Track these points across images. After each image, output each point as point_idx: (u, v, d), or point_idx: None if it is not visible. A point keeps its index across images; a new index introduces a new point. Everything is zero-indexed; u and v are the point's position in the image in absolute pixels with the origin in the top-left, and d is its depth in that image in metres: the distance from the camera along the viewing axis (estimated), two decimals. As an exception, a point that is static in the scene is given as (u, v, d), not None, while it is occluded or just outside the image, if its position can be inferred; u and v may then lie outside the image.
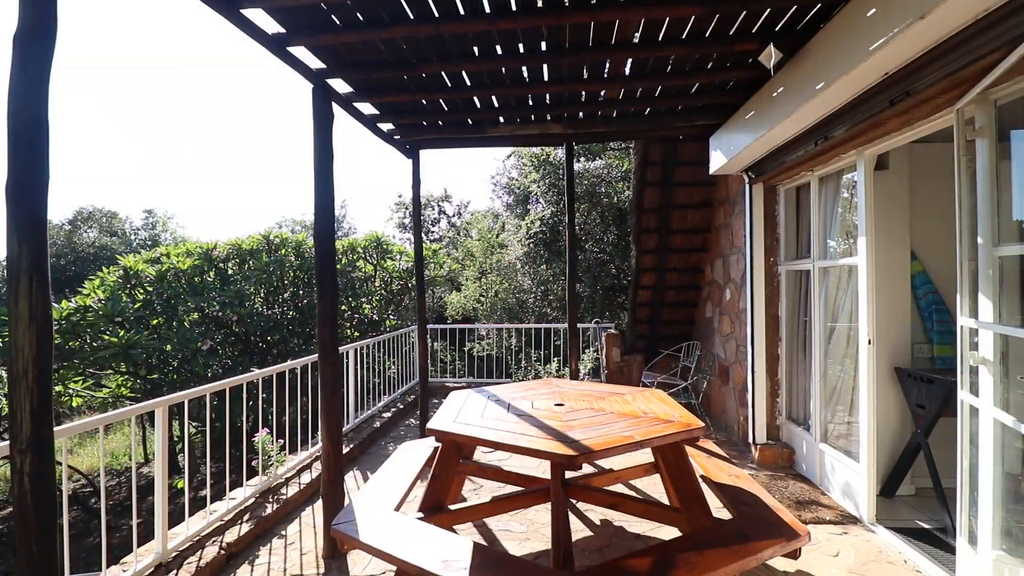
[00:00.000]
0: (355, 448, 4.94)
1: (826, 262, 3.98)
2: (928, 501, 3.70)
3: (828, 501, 3.80)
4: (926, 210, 3.90)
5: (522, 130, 4.44)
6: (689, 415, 2.60)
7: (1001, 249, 2.34)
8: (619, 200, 9.61)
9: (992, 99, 2.37)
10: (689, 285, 6.74)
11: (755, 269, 4.69)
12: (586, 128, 4.41)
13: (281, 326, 7.43)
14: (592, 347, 7.81)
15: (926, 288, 3.84)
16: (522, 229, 9.62)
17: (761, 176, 4.47)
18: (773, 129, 3.40)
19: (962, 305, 2.48)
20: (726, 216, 5.71)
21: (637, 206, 6.14)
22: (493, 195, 13.72)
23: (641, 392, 3.14)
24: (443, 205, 16.08)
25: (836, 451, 3.87)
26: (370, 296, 8.60)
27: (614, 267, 9.94)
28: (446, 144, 4.97)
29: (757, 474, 4.33)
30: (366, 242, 8.39)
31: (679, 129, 4.71)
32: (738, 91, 3.84)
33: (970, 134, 2.46)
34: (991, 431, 2.37)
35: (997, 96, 2.36)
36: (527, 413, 2.72)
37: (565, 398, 3.02)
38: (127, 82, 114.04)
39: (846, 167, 3.71)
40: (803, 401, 4.52)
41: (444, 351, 12.77)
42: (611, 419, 2.56)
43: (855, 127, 2.97)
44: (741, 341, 5.22)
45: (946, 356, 3.75)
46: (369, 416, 5.85)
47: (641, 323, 7.05)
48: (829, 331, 4.06)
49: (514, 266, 10.63)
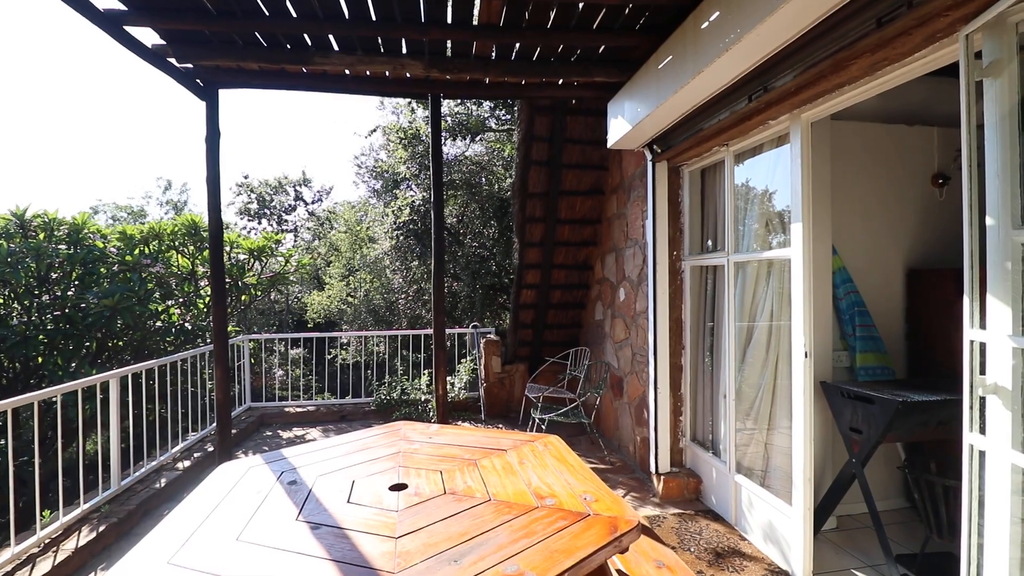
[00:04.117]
0: (110, 530, 3.28)
1: (746, 256, 3.29)
2: (858, 535, 3.17)
3: (750, 549, 3.10)
4: (843, 196, 3.39)
5: (367, 64, 3.16)
6: (610, 498, 1.58)
7: (1023, 233, 1.66)
8: (501, 189, 8.66)
9: (1013, 23, 1.68)
10: (577, 284, 5.94)
11: (658, 264, 3.93)
12: (455, 71, 3.26)
13: (34, 342, 5.23)
14: (470, 355, 6.73)
15: (847, 287, 3.32)
16: (389, 218, 8.21)
17: (667, 152, 3.70)
18: (698, 76, 2.56)
19: (972, 312, 1.77)
20: (620, 204, 4.96)
21: (521, 189, 5.16)
22: (358, 179, 12.01)
23: (530, 445, 2.07)
24: (300, 190, 13.86)
25: (756, 485, 3.19)
26: (187, 298, 6.62)
27: (495, 264, 8.97)
28: (259, 81, 3.51)
29: (664, 515, 3.54)
30: (175, 227, 6.40)
31: (574, 90, 3.77)
32: (650, 33, 2.98)
33: (979, 72, 1.76)
34: (1007, 480, 1.68)
35: (1020, 18, 1.67)
36: (333, 522, 1.49)
37: (413, 468, 1.85)
38: None
39: (771, 138, 3.02)
40: (711, 421, 3.84)
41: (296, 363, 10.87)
42: (483, 522, 1.45)
43: (812, 69, 2.20)
44: (638, 349, 4.48)
45: (869, 366, 3.25)
46: (153, 470, 4.13)
47: (525, 327, 6.11)
48: (745, 339, 3.39)
49: (382, 262, 9.17)
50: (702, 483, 3.78)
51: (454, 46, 3.14)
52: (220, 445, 3.52)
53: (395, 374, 6.67)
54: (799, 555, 2.72)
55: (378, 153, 10.56)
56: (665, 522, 3.43)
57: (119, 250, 6.18)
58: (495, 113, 8.08)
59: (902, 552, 2.87)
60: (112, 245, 6.31)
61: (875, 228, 3.48)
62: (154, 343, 6.21)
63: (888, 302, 3.50)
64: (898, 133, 3.49)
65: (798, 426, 2.70)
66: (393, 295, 9.47)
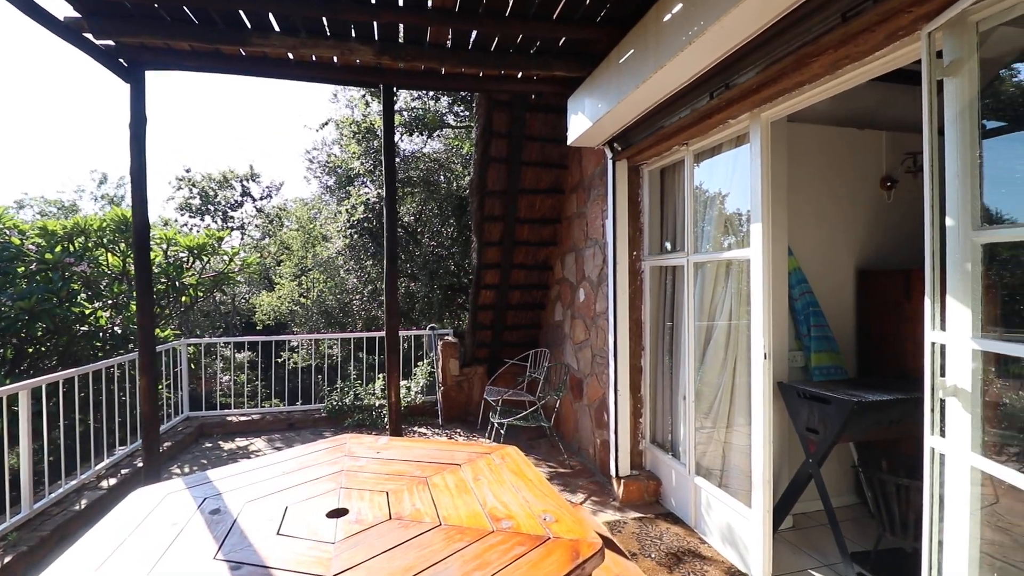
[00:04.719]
0: (18, 560, 2.91)
1: (707, 256, 3.25)
2: (813, 533, 3.19)
3: (709, 552, 3.07)
4: (798, 198, 3.42)
5: (311, 48, 2.93)
6: (571, 518, 1.46)
7: (983, 234, 1.64)
8: (459, 188, 8.46)
9: (974, 22, 1.67)
10: (537, 284, 5.84)
11: (618, 264, 3.86)
12: (408, 59, 3.08)
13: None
14: (427, 358, 6.52)
15: (802, 287, 3.35)
16: (343, 215, 7.87)
17: (627, 150, 3.64)
18: (660, 71, 2.48)
19: (933, 314, 1.75)
20: (580, 203, 4.89)
21: (479, 186, 5.00)
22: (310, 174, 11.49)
23: (486, 458, 1.93)
24: (248, 185, 13.16)
25: (715, 487, 3.16)
26: (117, 300, 6.11)
27: (454, 263, 8.77)
28: (192, 63, 3.20)
29: (624, 519, 3.48)
30: (103, 223, 5.88)
31: (534, 84, 3.65)
32: (611, 26, 2.89)
33: (940, 72, 1.74)
34: (967, 483, 1.66)
35: (981, 17, 1.66)
36: (257, 560, 1.30)
37: (356, 490, 1.67)
38: None
39: (730, 138, 3.00)
40: (670, 423, 3.81)
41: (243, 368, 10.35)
42: (432, 552, 1.29)
43: (775, 65, 2.15)
44: (598, 351, 4.41)
45: (824, 366, 3.28)
46: (73, 490, 3.73)
47: (483, 328, 5.96)
48: (705, 339, 3.37)
49: (335, 261, 8.80)
50: (662, 485, 3.74)
51: (407, 31, 2.95)
52: (147, 462, 3.20)
53: (348, 379, 6.38)
54: (758, 557, 2.70)
55: (331, 148, 10.14)
56: (626, 527, 3.37)
57: (39, 248, 5.62)
58: (453, 109, 7.88)
59: (856, 550, 2.89)
60: (31, 242, 5.73)
61: (828, 229, 3.54)
62: (81, 349, 5.68)
63: (841, 303, 3.56)
64: (850, 136, 3.55)
65: (757, 428, 2.68)
66: (347, 296, 9.10)
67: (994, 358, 1.66)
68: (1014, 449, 1.67)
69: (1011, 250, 1.68)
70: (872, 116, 3.58)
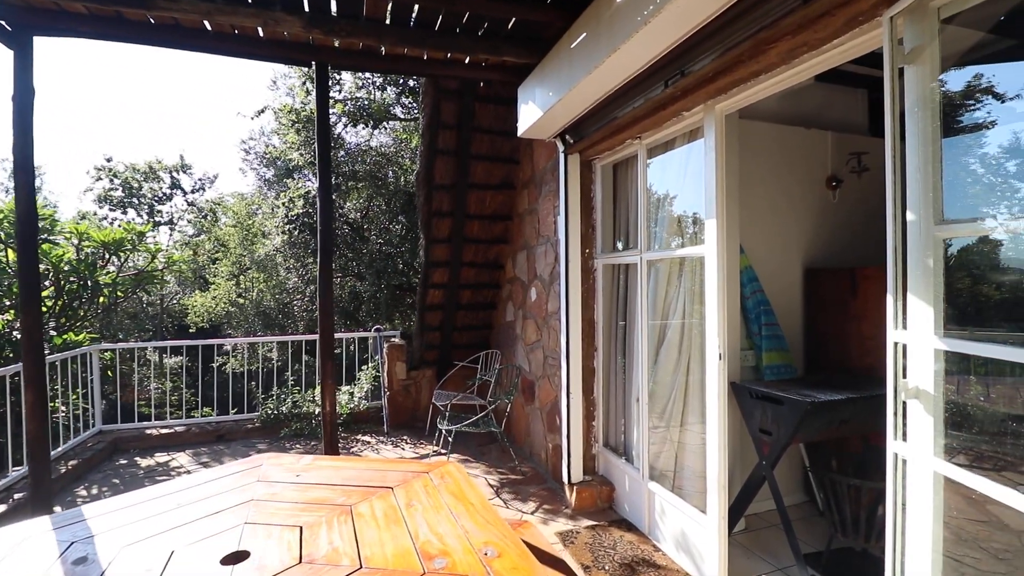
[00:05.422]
0: None
1: (660, 254, 3.15)
2: (764, 535, 3.15)
3: (663, 560, 2.96)
4: (748, 195, 3.38)
5: (229, 16, 2.59)
6: (516, 551, 1.26)
7: (944, 229, 1.58)
8: (408, 183, 8.13)
9: (935, 7, 1.60)
10: (488, 283, 5.64)
11: (570, 262, 3.72)
12: (343, 35, 2.79)
13: None
14: (372, 361, 6.18)
15: (753, 286, 3.31)
16: (281, 211, 7.37)
17: (580, 143, 3.49)
18: (613, 55, 2.33)
19: (895, 312, 1.67)
20: (531, 200, 4.73)
21: (426, 179, 4.75)
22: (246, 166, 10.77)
23: (423, 478, 1.70)
24: (178, 177, 12.20)
25: (669, 493, 3.06)
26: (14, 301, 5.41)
27: (402, 262, 8.43)
28: (90, 29, 2.79)
29: (577, 528, 3.33)
30: None
31: (483, 71, 3.44)
32: (563, 8, 2.72)
33: (901, 59, 1.67)
34: (930, 488, 1.59)
35: (942, 3, 1.59)
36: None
37: (263, 525, 1.41)
38: None
39: (683, 131, 2.90)
40: (623, 425, 3.71)
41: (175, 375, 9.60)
42: (347, 605, 1.06)
43: (731, 51, 2.04)
44: (550, 352, 4.26)
45: (775, 365, 3.26)
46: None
47: (432, 330, 5.70)
48: (658, 339, 3.27)
49: (274, 259, 8.26)
50: (615, 491, 3.63)
51: (340, 3, 2.67)
52: (34, 489, 2.75)
53: (286, 385, 5.95)
54: (713, 564, 2.60)
55: (269, 138, 9.53)
56: (579, 537, 3.22)
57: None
58: (401, 100, 7.55)
59: (808, 551, 2.86)
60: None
61: (777, 227, 3.52)
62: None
63: (789, 302, 3.56)
64: (798, 135, 3.56)
65: (712, 432, 2.59)
66: (287, 296, 8.57)
67: (957, 358, 1.59)
68: (977, 453, 1.62)
69: (973, 245, 1.63)
70: (816, 116, 3.60)
